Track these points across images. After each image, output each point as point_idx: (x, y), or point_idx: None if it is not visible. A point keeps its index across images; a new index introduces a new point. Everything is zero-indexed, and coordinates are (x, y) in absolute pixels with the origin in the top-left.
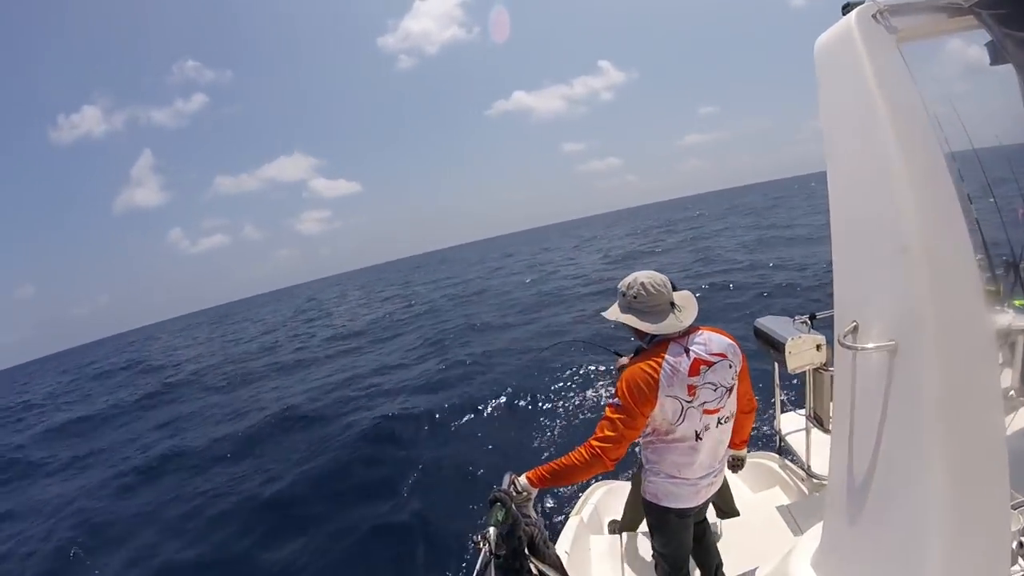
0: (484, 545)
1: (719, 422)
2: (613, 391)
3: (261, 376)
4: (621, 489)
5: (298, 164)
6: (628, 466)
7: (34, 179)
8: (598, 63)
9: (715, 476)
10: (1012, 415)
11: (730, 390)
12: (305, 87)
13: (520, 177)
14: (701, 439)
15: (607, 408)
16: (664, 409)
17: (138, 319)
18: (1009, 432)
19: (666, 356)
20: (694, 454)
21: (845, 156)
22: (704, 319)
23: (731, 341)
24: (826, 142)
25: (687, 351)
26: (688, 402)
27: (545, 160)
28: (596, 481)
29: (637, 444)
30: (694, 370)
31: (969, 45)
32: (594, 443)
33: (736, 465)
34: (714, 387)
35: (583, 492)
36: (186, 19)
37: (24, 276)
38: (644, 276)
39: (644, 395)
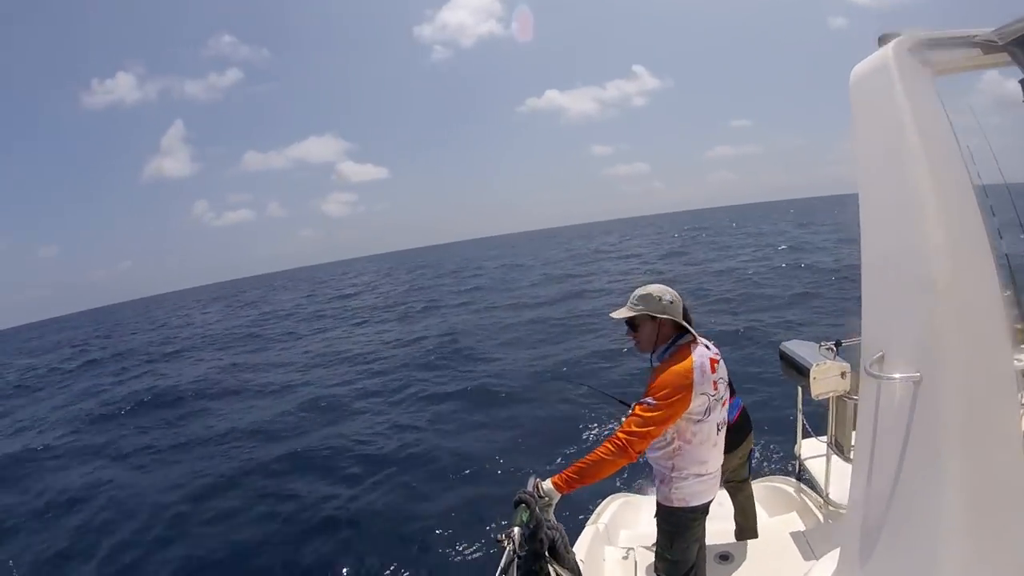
0: (508, 544)
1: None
2: (643, 392)
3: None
4: (638, 502)
5: (328, 146)
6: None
7: (65, 140)
8: (633, 67)
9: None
10: None
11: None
12: (340, 71)
13: (548, 176)
14: (720, 431)
15: (636, 407)
16: (695, 408)
17: (153, 287)
18: None
19: (693, 356)
20: (714, 445)
21: (877, 187)
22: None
23: None
24: (859, 171)
25: (705, 351)
26: (713, 396)
27: (573, 161)
28: (613, 493)
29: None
30: (712, 367)
31: (1006, 79)
32: (621, 435)
33: None
34: (724, 381)
35: (600, 502)
36: None
37: (49, 235)
38: (666, 289)
39: (679, 395)
